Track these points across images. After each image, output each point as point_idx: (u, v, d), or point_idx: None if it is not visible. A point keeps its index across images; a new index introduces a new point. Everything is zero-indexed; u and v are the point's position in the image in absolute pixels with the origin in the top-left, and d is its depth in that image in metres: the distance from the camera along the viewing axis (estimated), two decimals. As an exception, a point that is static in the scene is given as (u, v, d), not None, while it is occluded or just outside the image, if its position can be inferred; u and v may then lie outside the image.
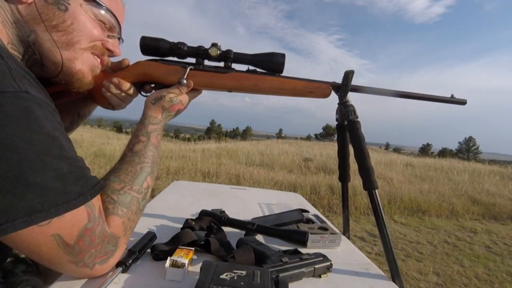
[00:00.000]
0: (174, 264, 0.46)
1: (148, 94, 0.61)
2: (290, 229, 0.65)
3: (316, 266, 0.51)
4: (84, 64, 0.47)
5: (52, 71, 0.45)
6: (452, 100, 0.67)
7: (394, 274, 0.55)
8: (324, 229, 0.70)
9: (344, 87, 0.63)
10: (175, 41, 0.58)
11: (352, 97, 0.65)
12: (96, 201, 0.39)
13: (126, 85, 0.57)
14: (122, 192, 0.43)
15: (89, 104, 0.65)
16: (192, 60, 0.60)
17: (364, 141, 0.61)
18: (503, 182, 6.06)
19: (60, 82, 0.48)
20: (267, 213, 0.86)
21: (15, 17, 0.40)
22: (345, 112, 0.63)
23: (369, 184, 0.59)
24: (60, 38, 0.43)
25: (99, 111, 0.68)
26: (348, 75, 0.62)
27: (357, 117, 0.63)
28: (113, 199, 0.42)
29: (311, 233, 0.63)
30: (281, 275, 0.46)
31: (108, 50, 0.50)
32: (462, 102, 0.69)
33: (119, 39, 0.52)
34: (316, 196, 4.00)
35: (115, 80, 0.56)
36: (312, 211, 0.91)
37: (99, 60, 0.50)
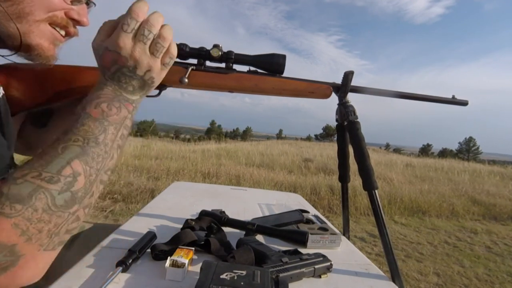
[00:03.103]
0: (174, 264, 0.46)
1: (150, 95, 0.61)
2: (290, 229, 0.65)
3: (316, 266, 0.51)
4: (42, 38, 0.41)
5: (11, 45, 0.40)
6: (453, 101, 0.67)
7: (394, 275, 0.55)
8: (324, 229, 0.70)
9: (343, 87, 0.63)
10: (177, 42, 0.58)
11: (352, 97, 0.65)
12: None
13: None
14: (20, 181, 0.30)
15: None
16: (193, 61, 0.60)
17: (364, 142, 0.61)
18: (504, 183, 6.06)
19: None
20: (267, 214, 0.86)
21: None
22: (345, 112, 0.63)
23: (369, 185, 0.59)
24: (9, 9, 0.37)
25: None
26: (348, 75, 0.62)
27: (356, 118, 0.63)
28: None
29: (311, 234, 0.63)
30: (281, 275, 0.46)
31: (73, 20, 0.43)
32: (464, 103, 0.69)
33: (87, 3, 0.45)
34: (316, 196, 4.00)
35: None
36: (312, 211, 0.91)
37: (63, 32, 0.43)
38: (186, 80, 0.56)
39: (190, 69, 0.58)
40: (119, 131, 0.39)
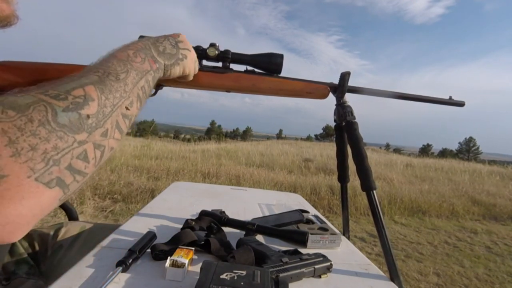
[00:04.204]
0: (174, 264, 0.46)
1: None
2: (290, 229, 0.65)
3: (316, 267, 0.51)
4: None
5: None
6: (450, 102, 0.67)
7: (393, 275, 0.55)
8: (324, 229, 0.70)
9: (340, 88, 0.63)
10: None
11: (351, 97, 0.65)
12: None
13: None
14: (21, 94, 0.26)
15: None
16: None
17: (362, 142, 0.61)
18: (504, 183, 6.06)
19: None
20: (267, 214, 0.86)
21: None
22: (343, 113, 0.63)
23: (367, 185, 0.59)
24: None
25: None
26: (345, 76, 0.62)
27: (354, 118, 0.63)
28: None
29: (311, 234, 0.63)
30: (281, 275, 0.46)
31: None
32: (460, 104, 0.69)
33: None
34: (316, 196, 4.00)
35: None
36: (312, 211, 0.91)
37: None
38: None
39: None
40: (140, 79, 0.37)
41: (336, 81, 0.64)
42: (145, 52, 0.40)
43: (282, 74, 0.62)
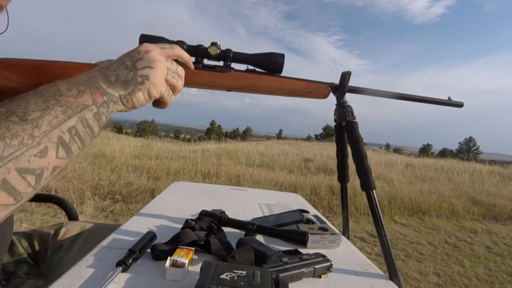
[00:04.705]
0: (174, 264, 0.46)
1: None
2: (290, 229, 0.65)
3: (316, 267, 0.51)
4: None
5: None
6: (449, 103, 0.68)
7: (392, 275, 0.55)
8: (324, 229, 0.70)
9: (341, 88, 0.63)
10: (175, 40, 0.58)
11: (352, 97, 0.65)
12: None
13: None
14: None
15: None
16: (191, 59, 0.60)
17: (362, 142, 0.61)
18: (504, 183, 6.07)
19: None
20: (267, 214, 0.86)
21: None
22: (343, 113, 0.63)
23: (367, 185, 0.59)
24: None
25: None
26: (345, 76, 0.62)
27: (354, 118, 0.63)
28: None
29: (311, 234, 0.63)
30: (281, 275, 0.46)
31: None
32: (459, 105, 0.69)
33: None
34: (316, 196, 4.00)
35: None
36: (312, 211, 0.91)
37: None
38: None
39: None
40: (70, 119, 0.27)
41: (336, 81, 0.64)
42: (87, 84, 0.31)
43: (282, 74, 0.62)
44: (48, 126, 0.26)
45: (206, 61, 0.60)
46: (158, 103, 0.41)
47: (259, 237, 0.66)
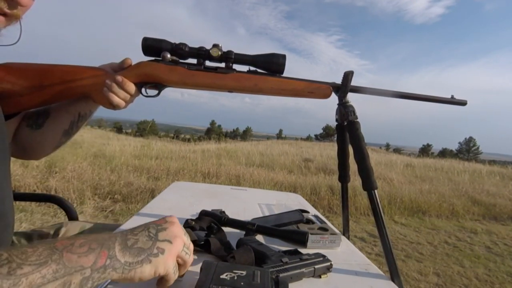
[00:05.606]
0: (174, 264, 0.46)
1: (149, 95, 0.62)
2: (290, 229, 0.65)
3: (316, 267, 0.51)
4: None
5: None
6: (452, 101, 0.68)
7: (394, 275, 0.55)
8: (324, 229, 0.70)
9: (343, 87, 0.63)
10: (177, 42, 0.58)
11: (352, 97, 0.65)
12: None
13: (130, 84, 0.57)
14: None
15: (90, 104, 0.63)
16: (193, 60, 0.60)
17: (364, 142, 0.61)
18: (504, 183, 6.06)
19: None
20: (267, 214, 0.86)
21: None
22: (345, 112, 0.63)
23: (368, 185, 0.59)
24: None
25: (99, 111, 0.68)
26: (348, 75, 0.62)
27: (356, 118, 0.63)
28: None
29: (311, 234, 0.63)
30: (281, 275, 0.46)
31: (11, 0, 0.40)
32: (462, 103, 0.69)
33: None
34: (316, 196, 3.99)
35: (119, 78, 0.56)
36: (312, 211, 0.91)
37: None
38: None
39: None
40: (56, 280, 0.26)
41: (337, 81, 0.64)
42: (102, 242, 0.31)
43: (284, 74, 0.62)
44: (26, 287, 0.24)
45: (208, 63, 0.60)
46: (161, 281, 0.37)
47: (259, 237, 0.66)
